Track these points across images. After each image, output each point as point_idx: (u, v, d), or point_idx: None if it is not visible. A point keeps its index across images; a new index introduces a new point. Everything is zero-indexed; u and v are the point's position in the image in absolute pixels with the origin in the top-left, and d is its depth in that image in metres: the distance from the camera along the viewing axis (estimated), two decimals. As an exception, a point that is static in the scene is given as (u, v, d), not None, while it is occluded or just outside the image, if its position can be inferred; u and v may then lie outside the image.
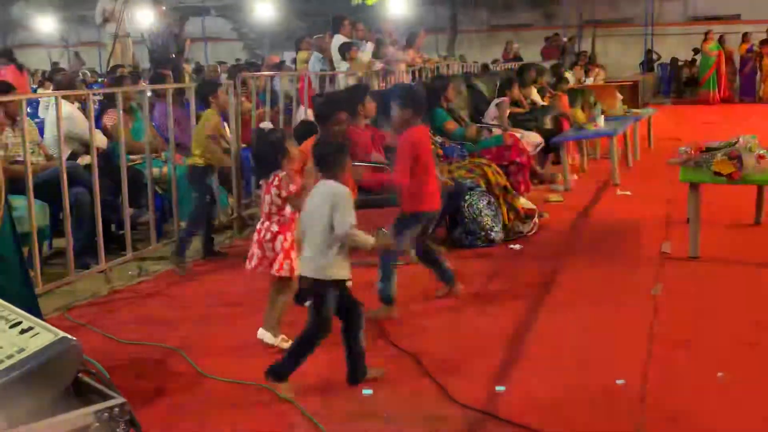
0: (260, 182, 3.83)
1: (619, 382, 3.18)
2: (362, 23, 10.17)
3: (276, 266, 3.64)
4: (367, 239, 3.16)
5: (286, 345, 3.63)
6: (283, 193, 3.62)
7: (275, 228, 3.66)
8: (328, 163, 3.24)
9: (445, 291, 4.39)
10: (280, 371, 3.17)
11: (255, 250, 3.71)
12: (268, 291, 3.79)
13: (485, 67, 13.69)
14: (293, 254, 3.61)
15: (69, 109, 5.66)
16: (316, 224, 3.14)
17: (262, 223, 3.72)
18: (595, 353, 3.53)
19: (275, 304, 3.74)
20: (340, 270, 3.17)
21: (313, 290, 3.17)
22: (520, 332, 3.82)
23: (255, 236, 3.74)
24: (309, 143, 4.30)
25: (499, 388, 3.06)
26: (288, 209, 3.67)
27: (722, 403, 3.02)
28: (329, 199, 3.12)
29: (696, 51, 21.24)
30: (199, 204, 5.24)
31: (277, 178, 3.63)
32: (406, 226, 4.08)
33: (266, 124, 3.81)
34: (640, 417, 2.91)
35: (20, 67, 11.22)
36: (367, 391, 3.11)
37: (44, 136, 5.66)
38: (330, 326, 3.18)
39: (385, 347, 3.67)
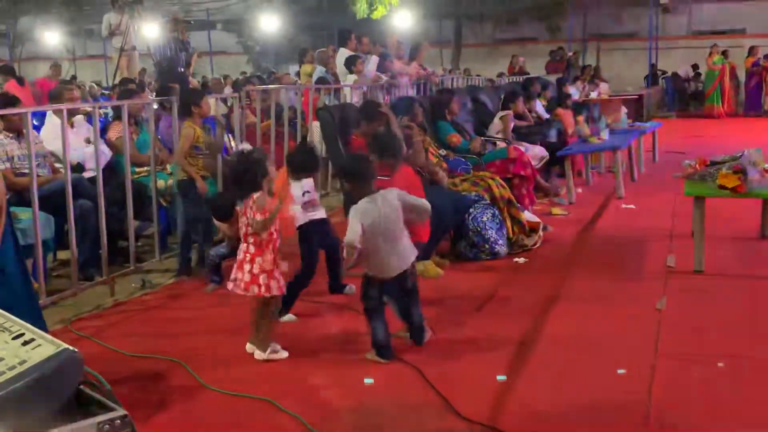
0: (238, 203, 3.69)
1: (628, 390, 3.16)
2: (367, 37, 10.22)
3: (255, 288, 3.56)
4: None
5: (277, 356, 3.65)
6: (258, 217, 3.52)
7: (253, 249, 3.58)
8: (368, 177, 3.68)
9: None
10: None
11: (235, 271, 3.65)
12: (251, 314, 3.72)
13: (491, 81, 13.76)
14: (276, 273, 3.60)
15: (56, 125, 5.39)
16: (399, 223, 3.64)
17: (242, 244, 3.65)
18: (599, 367, 3.52)
19: (261, 326, 3.67)
20: None
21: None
22: (524, 346, 3.80)
23: (238, 256, 3.67)
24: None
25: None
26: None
27: (727, 418, 3.00)
28: (400, 199, 3.65)
29: (695, 67, 21.27)
30: (184, 218, 5.15)
31: (251, 200, 3.55)
32: None
33: (246, 146, 3.81)
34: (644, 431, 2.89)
35: (20, 81, 11.33)
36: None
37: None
38: None
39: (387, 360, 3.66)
